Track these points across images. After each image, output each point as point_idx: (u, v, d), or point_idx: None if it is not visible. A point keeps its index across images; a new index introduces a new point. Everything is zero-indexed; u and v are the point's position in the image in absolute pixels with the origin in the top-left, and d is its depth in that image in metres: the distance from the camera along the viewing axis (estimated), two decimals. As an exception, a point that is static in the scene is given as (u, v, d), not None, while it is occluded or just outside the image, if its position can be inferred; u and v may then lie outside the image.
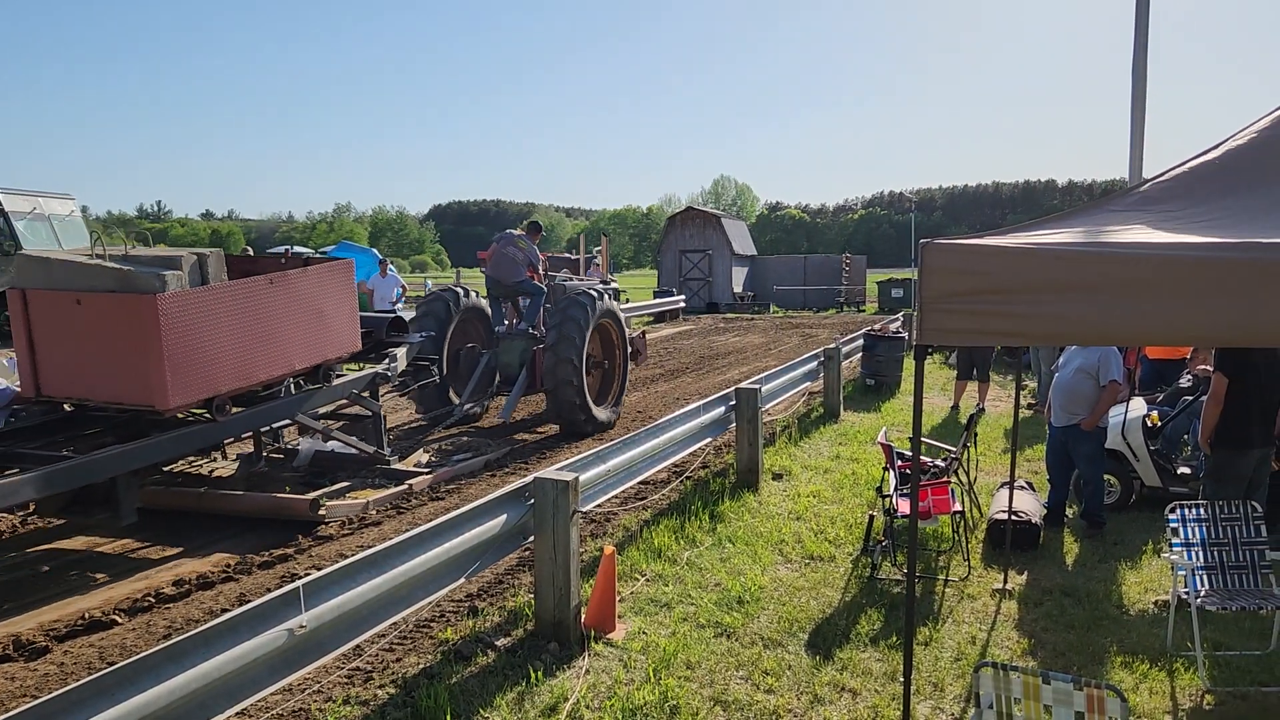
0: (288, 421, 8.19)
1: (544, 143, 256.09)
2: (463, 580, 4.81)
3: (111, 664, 4.42)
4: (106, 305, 6.50)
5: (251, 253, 16.78)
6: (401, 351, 9.13)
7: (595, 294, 10.84)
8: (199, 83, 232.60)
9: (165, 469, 7.76)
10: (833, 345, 12.77)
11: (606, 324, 11.35)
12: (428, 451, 9.62)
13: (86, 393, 6.83)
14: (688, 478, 8.60)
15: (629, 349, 12.02)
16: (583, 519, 6.61)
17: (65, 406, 7.12)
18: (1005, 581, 6.02)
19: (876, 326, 16.25)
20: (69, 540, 6.96)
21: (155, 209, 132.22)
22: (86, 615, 5.42)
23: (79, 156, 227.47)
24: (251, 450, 8.43)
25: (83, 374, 6.72)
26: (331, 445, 8.68)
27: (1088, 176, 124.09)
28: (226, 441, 7.91)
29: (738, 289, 37.11)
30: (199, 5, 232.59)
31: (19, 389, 7.21)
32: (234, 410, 7.24)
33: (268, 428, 8.33)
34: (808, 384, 12.17)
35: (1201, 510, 5.21)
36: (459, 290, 11.79)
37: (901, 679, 4.11)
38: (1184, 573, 4.97)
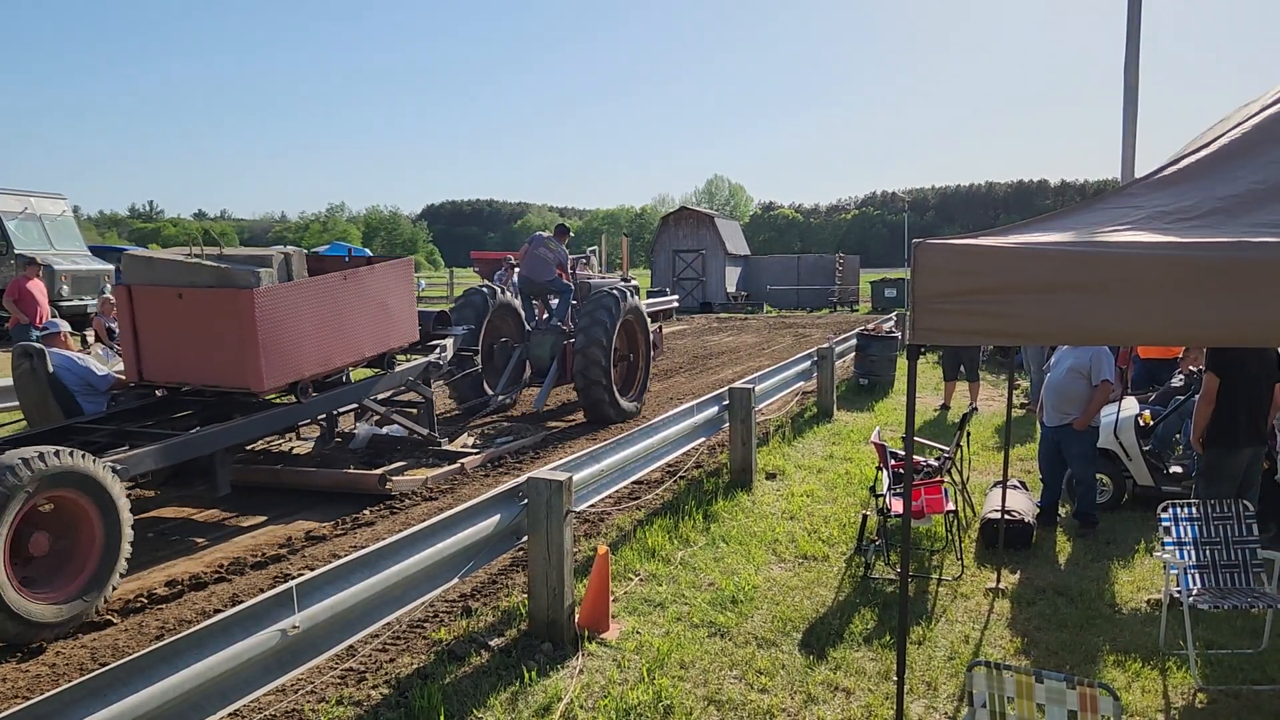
0: (354, 405, 8.97)
1: (537, 142, 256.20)
2: (456, 580, 4.80)
3: (104, 665, 4.41)
4: (207, 299, 7.25)
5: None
6: (449, 342, 10.03)
7: (620, 293, 11.53)
8: (191, 82, 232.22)
9: (246, 448, 8.56)
10: (826, 345, 12.78)
11: (630, 320, 11.98)
12: (471, 435, 10.40)
13: (186, 377, 7.62)
14: (681, 477, 8.61)
15: (650, 343, 12.73)
16: (576, 519, 6.61)
17: (157, 392, 7.82)
18: (998, 580, 6.03)
19: (869, 326, 16.26)
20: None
21: (147, 208, 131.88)
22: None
23: (70, 156, 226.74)
24: (322, 432, 9.29)
25: (183, 360, 7.48)
26: (385, 429, 9.58)
27: (1080, 177, 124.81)
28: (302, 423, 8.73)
29: (731, 289, 37.13)
30: (192, 4, 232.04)
31: (119, 376, 7.89)
32: (314, 394, 8.04)
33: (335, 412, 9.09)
34: (801, 384, 12.17)
35: (1193, 509, 5.23)
36: (493, 288, 12.47)
37: (895, 678, 4.12)
38: (1176, 571, 4.99)
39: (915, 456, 7.17)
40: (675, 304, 32.22)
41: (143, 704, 3.03)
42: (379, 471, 8.16)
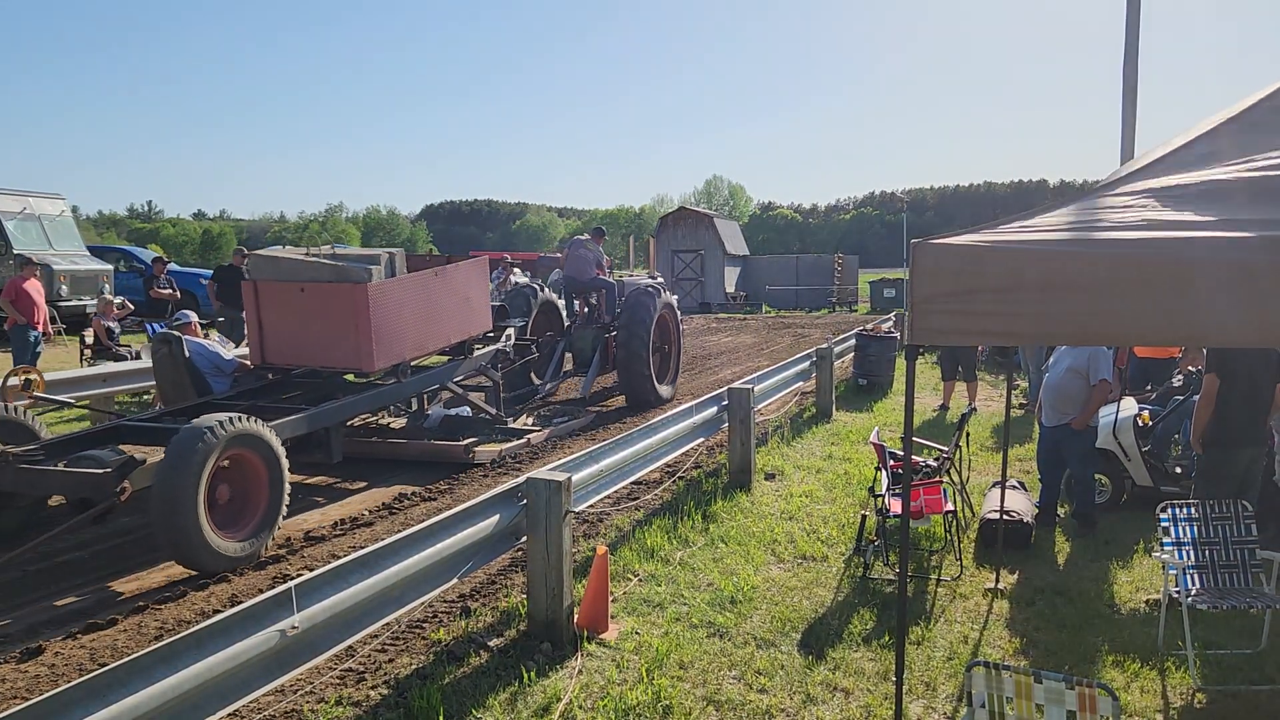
0: (437, 386, 10.08)
1: (536, 142, 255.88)
2: (455, 581, 4.80)
3: (103, 665, 4.41)
4: (326, 292, 8.39)
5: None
6: (511, 333, 11.24)
7: (655, 290, 12.81)
8: (189, 82, 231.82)
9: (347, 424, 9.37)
10: (825, 345, 12.79)
11: (665, 315, 13.13)
12: (529, 416, 11.45)
13: (305, 360, 8.76)
14: (680, 478, 8.61)
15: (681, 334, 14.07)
16: (575, 519, 6.61)
17: (269, 375, 8.90)
18: (997, 581, 6.03)
19: (868, 326, 16.26)
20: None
21: (146, 208, 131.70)
22: (78, 616, 5.39)
23: (69, 156, 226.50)
24: (415, 408, 10.47)
25: (303, 345, 8.64)
26: (453, 410, 10.66)
27: (1079, 176, 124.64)
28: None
29: (730, 289, 37.14)
30: (189, 3, 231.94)
31: (243, 360, 9.00)
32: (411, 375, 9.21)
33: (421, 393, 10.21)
34: (800, 384, 12.18)
35: (1192, 509, 5.23)
36: (534, 287, 13.58)
37: (894, 678, 4.12)
38: (1175, 572, 4.99)
39: (914, 457, 7.18)
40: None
41: (142, 704, 3.02)
42: (465, 443, 9.30)
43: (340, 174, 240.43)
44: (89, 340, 13.46)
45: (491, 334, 10.85)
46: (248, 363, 8.97)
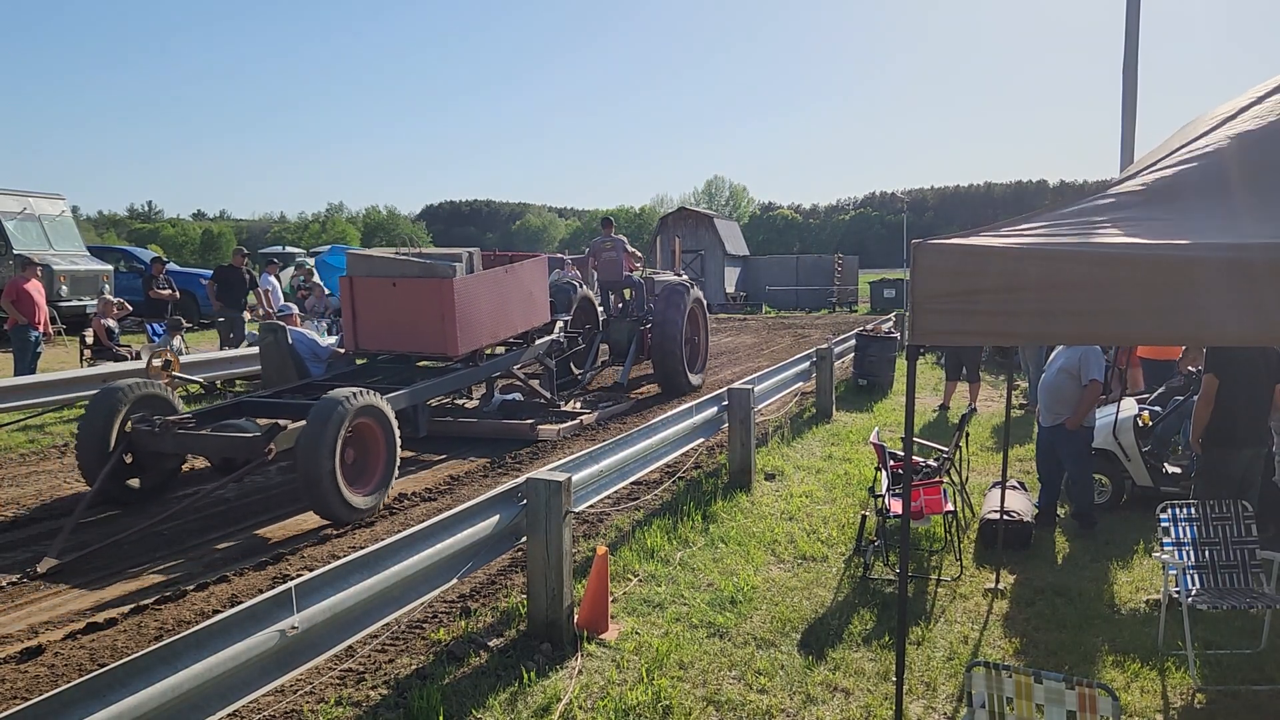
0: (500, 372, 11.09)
1: (536, 142, 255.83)
2: (455, 581, 4.80)
3: (103, 665, 4.41)
4: (415, 286, 9.53)
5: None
6: (560, 325, 12.33)
7: (686, 287, 13.87)
8: (190, 82, 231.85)
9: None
10: (825, 345, 12.79)
11: (695, 309, 14.21)
12: (576, 401, 12.26)
13: (395, 346, 9.88)
14: (680, 478, 8.61)
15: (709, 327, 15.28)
16: (575, 519, 6.62)
17: (357, 360, 10.09)
18: (997, 581, 6.03)
19: (868, 327, 16.26)
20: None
21: (146, 209, 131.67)
22: (78, 616, 5.39)
23: (69, 156, 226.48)
24: (485, 392, 11.57)
25: (393, 333, 9.73)
26: (509, 395, 11.70)
27: (1079, 177, 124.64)
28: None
29: (730, 289, 37.15)
30: (191, 5, 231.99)
31: (336, 348, 10.19)
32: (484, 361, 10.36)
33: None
34: (800, 384, 12.18)
35: (1192, 510, 5.23)
36: (573, 284, 14.22)
37: (894, 678, 4.12)
38: (1175, 572, 4.99)
39: (914, 457, 7.18)
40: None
41: (142, 704, 3.02)
42: (530, 421, 10.48)
43: (340, 174, 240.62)
44: (89, 340, 13.46)
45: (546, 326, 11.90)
46: (340, 350, 10.14)
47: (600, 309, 14.77)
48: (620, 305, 15.24)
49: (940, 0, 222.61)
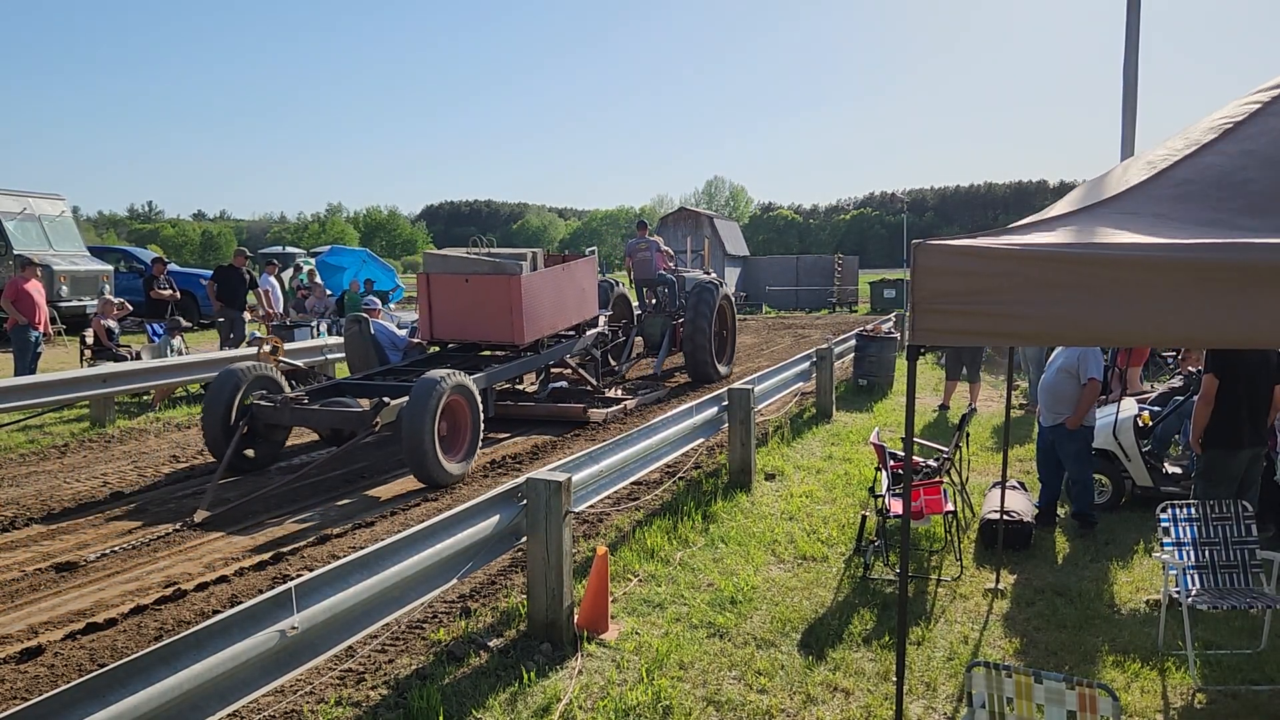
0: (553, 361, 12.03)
1: (536, 143, 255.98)
2: (455, 581, 4.79)
3: (103, 665, 4.41)
4: (486, 282, 10.68)
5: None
6: (604, 319, 13.37)
7: (715, 284, 14.82)
8: (190, 82, 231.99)
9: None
10: (825, 346, 12.77)
11: (724, 305, 15.20)
12: (616, 389, 13.18)
13: (467, 336, 11.04)
14: (680, 478, 8.60)
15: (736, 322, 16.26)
16: (575, 519, 6.61)
17: (430, 349, 11.33)
18: (997, 581, 6.03)
19: (868, 327, 16.24)
20: (59, 539, 6.93)
21: (146, 209, 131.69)
22: (77, 616, 5.39)
23: (69, 156, 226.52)
24: (542, 378, 12.45)
25: (465, 324, 10.91)
26: (557, 382, 12.60)
27: (1079, 177, 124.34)
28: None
29: (730, 289, 37.11)
30: (191, 5, 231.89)
31: (412, 339, 11.35)
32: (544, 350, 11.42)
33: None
34: (800, 384, 12.17)
35: (1193, 510, 5.23)
36: (613, 283, 15.42)
37: (894, 679, 4.12)
38: (1175, 572, 4.99)
39: (914, 457, 7.17)
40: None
41: (142, 704, 3.02)
42: (582, 406, 11.43)
43: (340, 174, 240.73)
44: (89, 340, 13.45)
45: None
46: (415, 340, 11.25)
47: (635, 305, 15.90)
48: (654, 301, 16.28)
49: (940, 1, 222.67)
